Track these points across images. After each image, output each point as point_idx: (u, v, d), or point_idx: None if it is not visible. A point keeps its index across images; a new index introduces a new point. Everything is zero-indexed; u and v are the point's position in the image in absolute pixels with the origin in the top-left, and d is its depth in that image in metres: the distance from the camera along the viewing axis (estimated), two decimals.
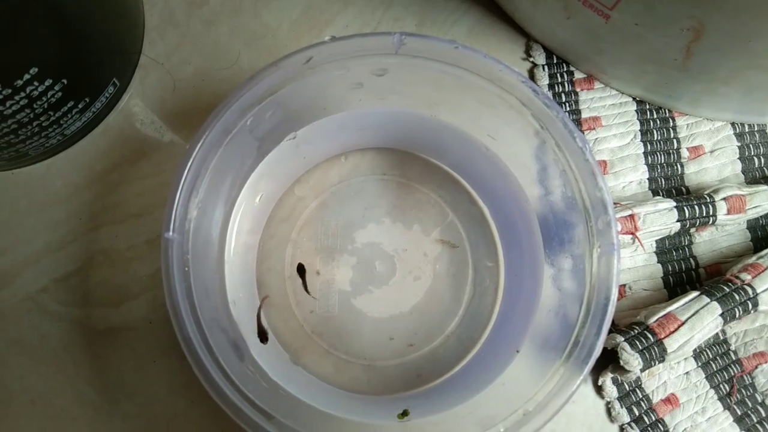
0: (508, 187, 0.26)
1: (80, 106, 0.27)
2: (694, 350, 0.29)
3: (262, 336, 0.26)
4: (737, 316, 0.27)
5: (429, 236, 0.29)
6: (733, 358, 0.29)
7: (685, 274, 0.30)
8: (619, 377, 0.28)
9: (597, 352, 0.21)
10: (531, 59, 0.32)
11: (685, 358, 0.29)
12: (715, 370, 0.29)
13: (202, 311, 0.20)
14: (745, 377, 0.29)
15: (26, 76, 0.23)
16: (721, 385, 0.29)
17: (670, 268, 0.30)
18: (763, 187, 0.29)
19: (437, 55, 0.22)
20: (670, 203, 0.28)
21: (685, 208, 0.28)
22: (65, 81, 0.25)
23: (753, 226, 0.31)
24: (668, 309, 0.27)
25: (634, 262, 0.30)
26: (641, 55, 0.28)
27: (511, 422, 0.20)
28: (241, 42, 0.31)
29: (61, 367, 0.28)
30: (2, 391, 0.28)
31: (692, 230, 0.30)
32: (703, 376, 0.29)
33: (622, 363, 0.26)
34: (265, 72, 0.21)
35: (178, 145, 0.30)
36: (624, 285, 0.30)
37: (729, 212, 0.29)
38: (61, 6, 0.23)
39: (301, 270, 0.28)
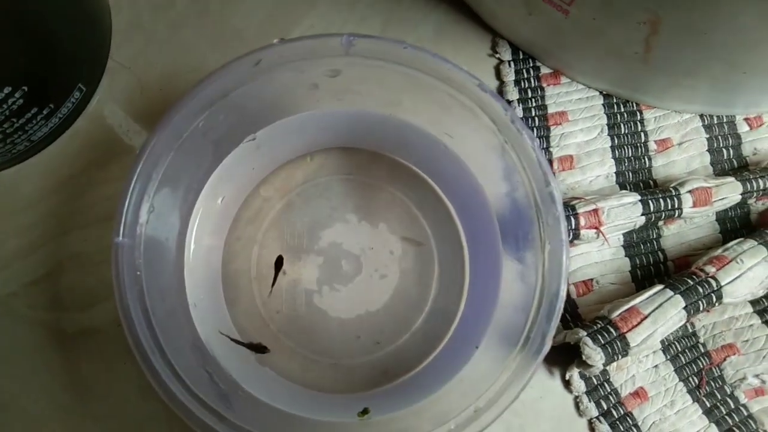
0: (469, 185, 0.26)
1: (45, 112, 0.27)
2: (663, 343, 0.29)
3: (259, 349, 0.26)
4: (701, 308, 0.27)
5: (395, 235, 0.29)
6: (702, 351, 0.29)
7: (653, 267, 0.30)
8: (590, 374, 0.28)
9: (546, 347, 0.21)
10: (497, 55, 0.32)
11: (654, 351, 0.29)
12: (684, 363, 0.29)
13: (155, 314, 0.21)
14: (713, 369, 0.29)
15: None
16: (689, 378, 0.29)
17: (637, 262, 0.30)
18: (730, 179, 0.29)
19: (388, 56, 0.22)
20: (635, 197, 0.28)
21: (649, 201, 0.28)
22: (26, 88, 0.25)
23: (722, 218, 0.31)
24: (631, 303, 0.27)
25: (602, 256, 0.30)
26: (603, 50, 0.28)
27: (462, 419, 0.21)
28: (208, 44, 0.32)
29: (33, 370, 0.28)
30: None
31: (660, 223, 0.30)
32: (672, 369, 0.29)
33: (584, 358, 0.26)
34: (214, 76, 0.21)
35: None
36: (591, 279, 0.30)
37: (695, 205, 0.29)
38: (22, 16, 0.24)
39: (278, 263, 0.28)
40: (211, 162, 0.25)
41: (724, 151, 0.31)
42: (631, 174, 0.31)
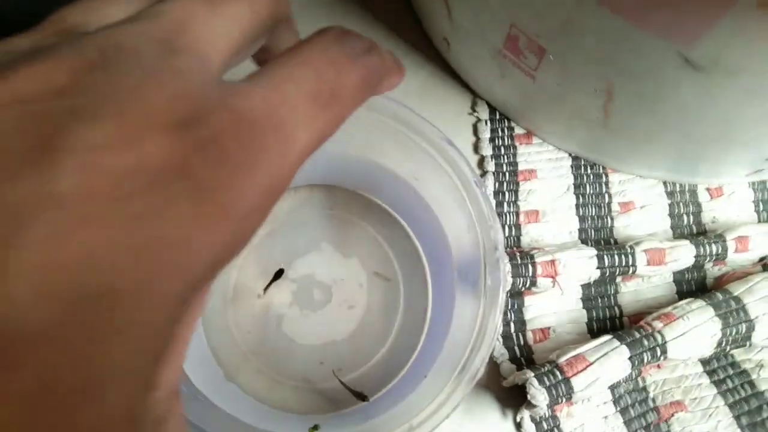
0: (433, 225, 0.29)
1: None
2: (614, 395, 0.30)
3: (360, 397, 0.28)
4: (646, 360, 0.28)
5: (366, 269, 0.31)
6: (651, 406, 0.30)
7: (609, 321, 0.32)
8: (535, 415, 0.29)
9: (480, 372, 0.22)
10: (476, 114, 0.35)
11: (605, 402, 0.30)
12: (633, 416, 0.30)
13: None
14: (661, 425, 0.30)
15: None
16: (638, 431, 0.30)
17: (594, 315, 0.32)
18: (685, 242, 0.31)
19: None
20: (592, 251, 0.30)
21: (605, 256, 0.30)
22: None
23: (679, 280, 0.32)
24: (579, 350, 0.28)
25: (560, 307, 0.31)
26: (568, 114, 0.31)
27: None
28: None
29: None
30: None
31: (618, 279, 0.32)
32: (621, 420, 0.30)
33: (529, 398, 0.27)
34: None
35: None
36: (548, 327, 0.31)
37: (649, 263, 0.30)
38: None
39: (278, 274, 0.30)
40: None
41: (685, 217, 0.33)
42: (593, 231, 0.33)
